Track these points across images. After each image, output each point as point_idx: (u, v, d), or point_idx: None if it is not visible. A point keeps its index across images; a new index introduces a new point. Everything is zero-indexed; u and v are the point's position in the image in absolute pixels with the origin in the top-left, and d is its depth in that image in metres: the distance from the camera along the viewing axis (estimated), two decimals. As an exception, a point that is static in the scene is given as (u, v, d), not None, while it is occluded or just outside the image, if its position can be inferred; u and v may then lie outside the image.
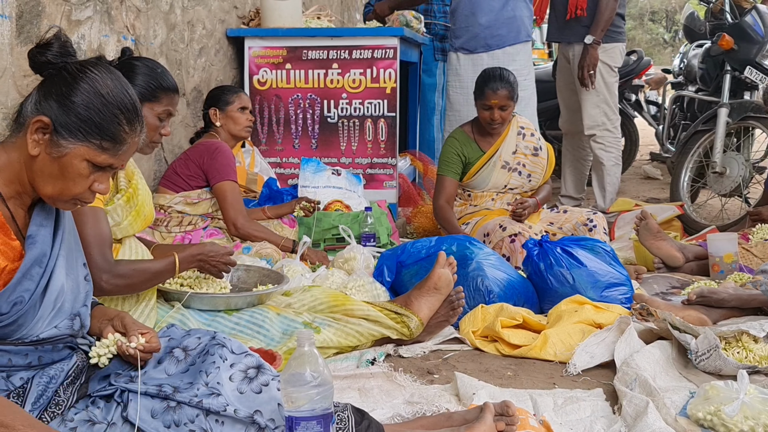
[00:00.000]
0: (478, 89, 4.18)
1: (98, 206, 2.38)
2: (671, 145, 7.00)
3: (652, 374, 2.42)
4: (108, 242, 2.38)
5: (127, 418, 1.73)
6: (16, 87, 2.79)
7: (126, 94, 1.73)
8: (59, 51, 1.69)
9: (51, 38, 1.70)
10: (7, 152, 1.70)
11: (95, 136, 1.68)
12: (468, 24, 5.00)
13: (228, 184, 3.56)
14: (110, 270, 2.34)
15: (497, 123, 4.14)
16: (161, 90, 2.70)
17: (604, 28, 5.26)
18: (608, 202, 5.54)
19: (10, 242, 1.66)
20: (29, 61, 1.71)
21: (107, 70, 1.73)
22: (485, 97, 4.11)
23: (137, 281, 2.44)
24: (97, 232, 2.33)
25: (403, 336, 2.81)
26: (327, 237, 4.16)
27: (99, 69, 1.71)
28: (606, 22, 5.25)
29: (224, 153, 3.61)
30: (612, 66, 5.45)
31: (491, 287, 3.14)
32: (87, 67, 1.70)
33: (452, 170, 4.21)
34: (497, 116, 4.11)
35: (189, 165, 3.59)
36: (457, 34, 5.07)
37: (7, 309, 1.64)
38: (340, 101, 4.77)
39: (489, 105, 4.11)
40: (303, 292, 2.90)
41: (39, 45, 1.70)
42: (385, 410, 2.26)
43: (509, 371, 2.66)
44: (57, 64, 1.69)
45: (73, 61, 1.71)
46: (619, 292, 3.18)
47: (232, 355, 1.85)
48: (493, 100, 4.09)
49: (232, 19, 4.86)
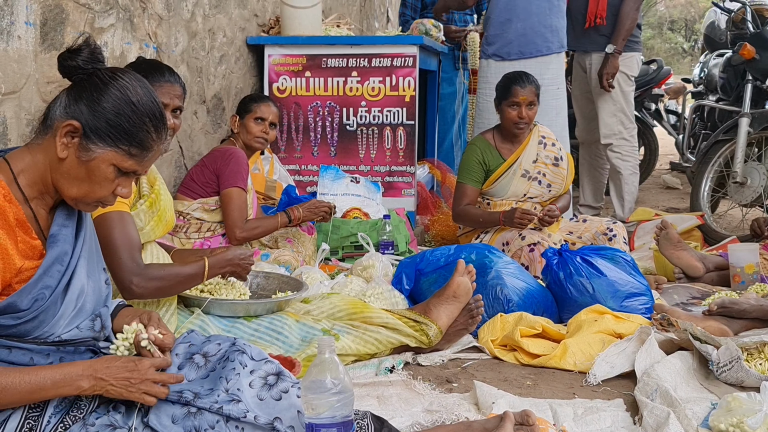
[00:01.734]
0: (503, 90, 4.16)
1: (124, 210, 2.39)
2: (691, 154, 6.97)
3: (673, 385, 2.40)
4: (137, 246, 2.40)
5: (148, 423, 1.74)
6: (40, 94, 2.81)
7: (154, 102, 1.75)
8: (89, 57, 1.71)
9: (81, 44, 1.72)
10: (32, 154, 1.72)
11: (124, 142, 1.70)
12: (503, 30, 4.91)
13: (234, 191, 3.53)
14: (141, 273, 2.36)
15: (524, 122, 4.13)
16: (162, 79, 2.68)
17: (625, 38, 5.26)
18: (627, 211, 5.52)
19: (30, 241, 1.68)
20: (58, 65, 1.73)
21: (136, 78, 1.75)
22: (512, 94, 4.10)
23: (167, 285, 2.45)
24: (125, 236, 2.35)
25: (421, 344, 2.81)
26: (345, 245, 4.17)
27: (129, 76, 1.74)
28: (627, 32, 5.25)
29: (237, 159, 3.59)
30: (629, 75, 5.46)
31: (510, 296, 3.13)
32: (117, 74, 1.73)
33: (473, 178, 4.19)
34: (524, 114, 4.10)
35: (204, 172, 3.60)
36: (490, 40, 4.99)
37: (28, 305, 1.65)
38: (359, 109, 4.78)
39: (517, 102, 4.09)
40: (322, 299, 2.90)
41: (69, 50, 1.72)
42: (404, 418, 2.26)
43: (528, 380, 2.65)
44: (86, 69, 1.71)
45: (102, 67, 1.73)
46: (640, 302, 3.16)
47: (252, 362, 1.85)
48: (522, 97, 4.08)
49: (252, 27, 4.89)
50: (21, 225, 1.66)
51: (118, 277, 2.33)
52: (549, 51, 4.93)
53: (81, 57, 1.71)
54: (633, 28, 5.30)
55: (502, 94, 4.18)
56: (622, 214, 5.51)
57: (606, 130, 5.44)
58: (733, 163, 5.15)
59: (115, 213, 2.35)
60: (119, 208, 2.36)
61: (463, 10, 5.20)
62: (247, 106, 3.86)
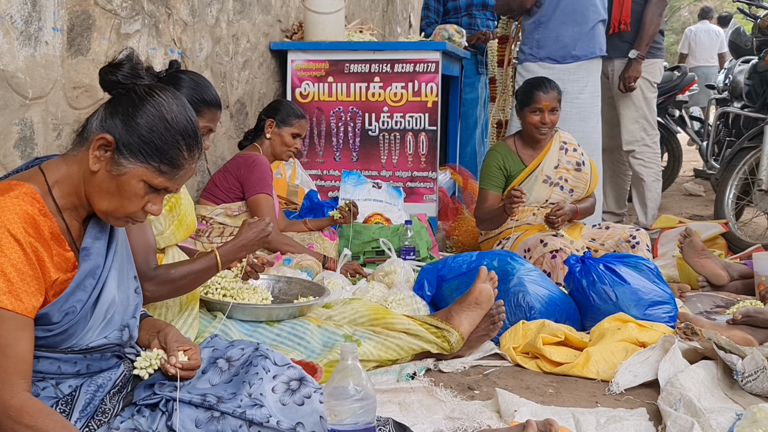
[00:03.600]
0: (525, 96, 4.14)
1: None
2: (715, 161, 6.91)
3: (697, 395, 2.38)
4: (153, 250, 2.40)
5: (171, 427, 1.75)
6: (66, 99, 2.84)
7: (189, 120, 1.75)
8: (129, 72, 1.72)
9: (123, 59, 1.73)
10: (68, 165, 1.74)
11: (155, 158, 1.70)
12: (558, 34, 4.87)
13: (262, 197, 3.56)
14: (153, 277, 2.36)
15: (547, 127, 4.11)
16: (204, 104, 2.73)
17: (649, 43, 5.26)
18: (650, 218, 5.49)
19: (64, 253, 1.69)
20: (99, 78, 1.74)
21: (173, 95, 1.75)
22: (535, 100, 4.08)
23: (180, 285, 2.43)
24: (142, 241, 2.36)
25: (443, 350, 2.80)
26: (367, 250, 4.17)
27: (166, 93, 1.74)
28: (651, 37, 5.24)
29: (261, 166, 3.61)
30: (652, 81, 5.45)
31: (532, 303, 3.12)
32: (154, 90, 1.73)
33: (494, 184, 4.18)
34: (548, 119, 4.09)
35: (227, 177, 3.62)
36: (542, 44, 4.92)
37: (59, 318, 1.67)
38: (382, 114, 4.79)
39: (540, 108, 4.07)
40: (344, 305, 2.91)
41: (111, 64, 1.73)
42: (426, 425, 2.25)
43: (551, 389, 2.64)
44: (126, 84, 1.72)
45: (142, 83, 1.74)
46: (663, 311, 3.14)
47: (275, 367, 1.86)
48: (545, 102, 4.06)
49: (275, 33, 4.91)
50: (55, 238, 1.68)
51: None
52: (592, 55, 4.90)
53: (121, 72, 1.72)
54: (656, 34, 5.28)
55: (524, 100, 4.16)
56: (645, 221, 5.47)
57: (628, 136, 5.43)
58: (758, 170, 5.09)
59: None
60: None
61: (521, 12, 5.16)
62: (287, 119, 3.85)
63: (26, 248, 1.59)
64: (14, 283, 1.57)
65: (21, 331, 1.58)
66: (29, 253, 1.59)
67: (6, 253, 1.56)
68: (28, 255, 1.59)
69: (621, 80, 5.33)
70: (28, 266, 1.59)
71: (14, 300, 1.56)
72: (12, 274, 1.56)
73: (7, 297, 1.56)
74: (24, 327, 1.59)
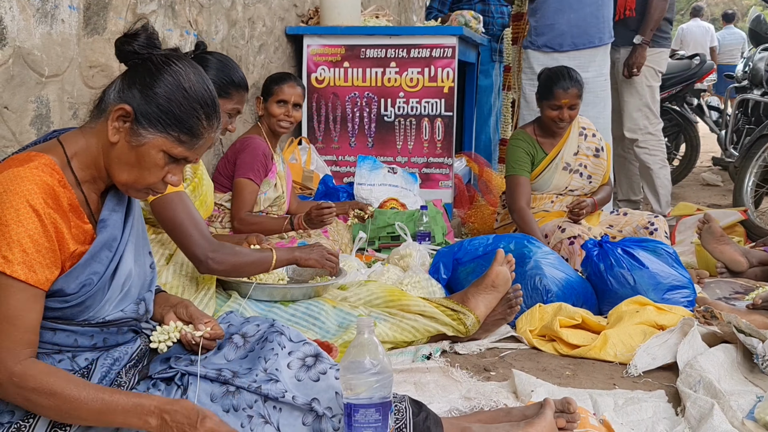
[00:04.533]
0: (545, 89, 4.03)
1: (182, 190, 2.42)
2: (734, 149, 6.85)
3: (716, 377, 2.35)
4: (203, 222, 2.45)
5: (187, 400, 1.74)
6: (83, 77, 2.84)
7: (207, 89, 1.73)
8: (145, 42, 1.70)
9: (138, 29, 1.72)
10: (86, 137, 1.72)
11: (174, 128, 1.69)
12: (554, 21, 4.81)
13: (245, 183, 3.43)
14: (218, 250, 2.42)
15: (565, 122, 4.05)
16: (232, 86, 2.72)
17: (653, 28, 5.20)
18: (664, 204, 5.45)
19: (82, 225, 1.69)
20: (115, 49, 1.72)
21: (190, 64, 1.74)
22: (555, 96, 3.97)
23: (241, 263, 2.51)
24: (189, 215, 2.40)
25: (459, 333, 2.78)
26: (382, 235, 4.15)
27: (182, 63, 1.72)
28: (655, 23, 5.19)
29: (252, 150, 3.48)
30: (657, 70, 5.40)
31: (549, 286, 3.09)
32: (171, 59, 1.71)
33: (525, 169, 4.04)
34: (566, 116, 4.00)
35: (227, 164, 3.53)
36: (540, 31, 4.86)
37: (76, 289, 1.66)
38: (397, 100, 4.77)
39: (559, 105, 3.98)
40: (359, 287, 2.89)
41: (126, 35, 1.71)
42: (442, 404, 2.24)
43: (568, 371, 2.61)
44: (142, 54, 1.70)
45: (158, 53, 1.72)
46: (682, 295, 3.10)
47: (290, 343, 1.85)
48: (564, 100, 3.96)
49: (291, 17, 4.89)
50: (74, 210, 1.67)
51: (192, 254, 2.40)
52: (600, 42, 4.84)
53: (137, 42, 1.70)
54: (661, 19, 5.23)
55: (543, 94, 4.05)
56: (659, 208, 5.44)
57: (631, 124, 5.38)
58: (778, 158, 5.05)
59: (174, 194, 2.39)
60: (176, 189, 2.38)
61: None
62: (269, 88, 3.68)
63: (44, 220, 1.58)
64: (30, 254, 1.56)
65: (32, 303, 1.58)
66: (47, 224, 1.58)
67: (24, 224, 1.55)
68: (45, 227, 1.58)
69: (625, 67, 5.28)
70: (45, 238, 1.58)
71: (28, 271, 1.56)
72: (28, 245, 1.56)
73: (22, 268, 1.55)
74: (35, 299, 1.58)
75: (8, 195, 1.56)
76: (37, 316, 1.60)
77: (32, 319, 1.59)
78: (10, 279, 1.55)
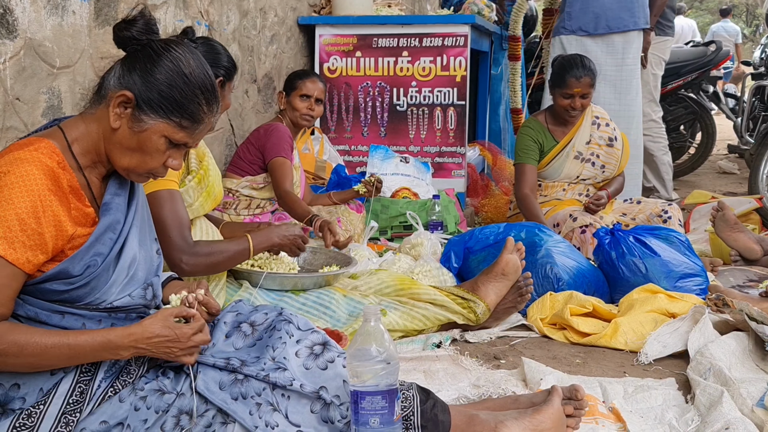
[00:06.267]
0: (557, 77, 4.00)
1: (174, 188, 2.41)
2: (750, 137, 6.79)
3: (727, 365, 2.34)
4: (186, 224, 2.41)
5: (195, 388, 1.75)
6: (94, 68, 2.85)
7: (206, 75, 1.75)
8: (144, 28, 1.72)
9: (136, 15, 1.73)
10: (86, 123, 1.74)
11: (176, 113, 1.70)
12: (588, 4, 4.80)
13: (279, 161, 3.51)
14: (190, 251, 2.38)
15: (577, 111, 4.03)
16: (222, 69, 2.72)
17: (657, 14, 5.21)
18: (670, 189, 5.45)
19: (83, 208, 1.70)
20: (114, 35, 1.74)
21: (189, 50, 1.75)
22: (567, 85, 3.94)
23: (215, 261, 2.48)
24: (175, 215, 2.37)
25: (469, 321, 2.78)
26: (394, 224, 4.16)
27: (182, 48, 1.73)
28: (659, 8, 5.20)
29: (279, 132, 3.57)
30: (660, 57, 5.39)
31: (560, 275, 3.09)
32: (171, 45, 1.72)
33: (532, 157, 4.05)
34: (578, 104, 3.98)
35: (250, 149, 3.61)
36: (573, 15, 4.85)
37: (80, 271, 1.67)
38: (410, 89, 4.76)
39: (571, 93, 3.96)
40: (370, 275, 2.90)
41: (125, 20, 1.73)
42: (451, 392, 2.25)
43: (578, 359, 2.61)
44: (141, 40, 1.72)
45: (157, 38, 1.73)
46: (694, 283, 3.09)
47: (298, 332, 1.85)
48: (576, 89, 3.94)
49: (303, 7, 4.89)
50: (74, 192, 1.68)
51: (168, 255, 2.35)
52: (636, 26, 4.82)
53: (136, 28, 1.72)
54: (664, 5, 5.22)
55: (556, 81, 4.03)
56: (667, 194, 5.43)
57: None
58: (794, 145, 5.00)
59: (165, 191, 2.36)
60: (169, 186, 2.38)
61: None
62: (292, 82, 3.80)
63: (38, 202, 1.58)
64: (13, 232, 1.56)
65: (7, 279, 1.58)
66: (39, 207, 1.59)
67: (15, 203, 1.57)
68: (36, 209, 1.58)
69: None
70: (34, 220, 1.58)
71: (7, 247, 1.56)
72: (14, 223, 1.56)
73: (1, 242, 1.56)
74: (12, 276, 1.59)
75: (8, 177, 1.58)
76: (10, 293, 1.60)
77: (4, 295, 1.59)
78: None
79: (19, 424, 1.64)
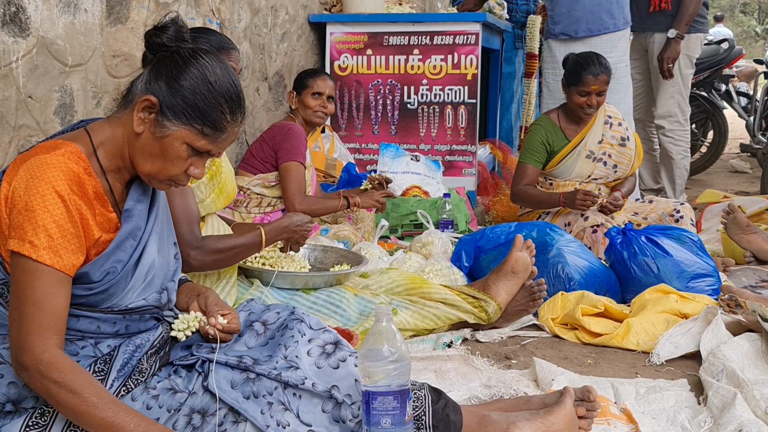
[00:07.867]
0: (573, 75, 3.98)
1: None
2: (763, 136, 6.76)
3: (740, 366, 2.33)
4: (196, 219, 2.42)
5: (207, 387, 1.76)
6: (106, 67, 2.86)
7: (232, 84, 1.75)
8: (174, 35, 1.73)
9: (168, 22, 1.74)
10: (113, 127, 1.75)
11: (198, 121, 1.70)
12: (570, 9, 4.81)
13: (293, 165, 3.53)
14: (199, 246, 2.38)
15: (592, 109, 4.01)
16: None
17: (688, 23, 5.18)
18: (678, 194, 5.44)
19: (107, 214, 1.71)
20: (145, 41, 1.75)
21: (217, 58, 1.76)
22: (584, 83, 3.91)
23: (225, 256, 2.48)
24: (185, 209, 2.37)
25: (480, 321, 2.78)
26: (405, 223, 4.15)
27: (209, 57, 1.74)
28: (690, 17, 5.16)
29: (296, 134, 3.59)
30: (691, 57, 5.37)
31: (572, 274, 3.08)
32: (198, 53, 1.73)
33: (535, 159, 4.05)
34: (594, 102, 3.96)
35: (264, 147, 3.62)
36: (556, 19, 4.88)
37: (100, 277, 1.68)
38: (421, 87, 4.75)
39: (587, 91, 3.93)
40: (381, 274, 2.90)
41: (156, 27, 1.74)
42: (462, 392, 2.24)
43: (589, 359, 2.60)
44: (170, 47, 1.72)
45: (186, 46, 1.74)
46: (706, 284, 3.08)
47: (310, 331, 1.86)
48: (593, 86, 3.91)
49: (314, 5, 4.89)
50: (99, 198, 1.69)
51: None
52: (616, 28, 4.82)
53: (166, 35, 1.72)
54: (696, 12, 5.19)
55: (572, 79, 3.99)
56: (674, 197, 5.41)
57: (662, 110, 5.38)
58: (807, 144, 4.97)
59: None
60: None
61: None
62: (303, 81, 3.81)
63: (70, 206, 1.60)
64: (55, 240, 1.58)
65: (58, 287, 1.60)
66: (72, 211, 1.61)
67: (50, 210, 1.58)
68: (71, 213, 1.60)
69: (659, 61, 5.25)
70: (71, 224, 1.60)
71: (54, 256, 1.58)
72: (54, 230, 1.58)
73: (47, 252, 1.57)
74: (61, 283, 1.61)
75: (35, 181, 1.59)
76: (65, 301, 1.62)
77: (59, 304, 1.61)
78: (37, 263, 1.57)
79: (32, 423, 1.64)
